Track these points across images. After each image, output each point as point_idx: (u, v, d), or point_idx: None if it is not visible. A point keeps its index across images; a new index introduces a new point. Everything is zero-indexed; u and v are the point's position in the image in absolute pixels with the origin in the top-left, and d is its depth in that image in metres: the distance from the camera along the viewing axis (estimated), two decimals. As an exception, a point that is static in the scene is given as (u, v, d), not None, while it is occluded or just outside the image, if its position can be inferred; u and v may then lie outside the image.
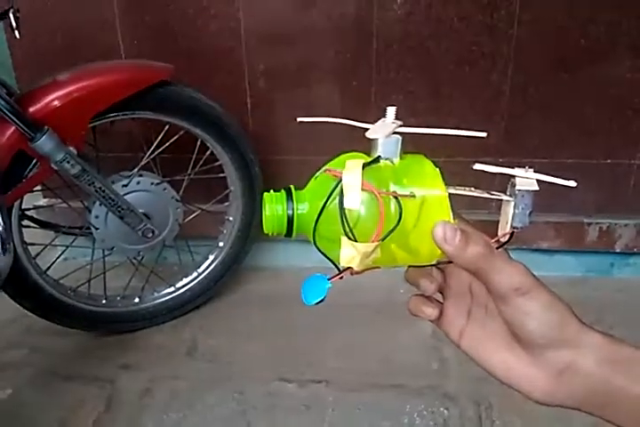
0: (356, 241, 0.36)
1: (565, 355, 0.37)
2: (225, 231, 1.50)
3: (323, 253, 0.39)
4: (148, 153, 1.36)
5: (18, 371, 1.31)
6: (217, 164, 1.42)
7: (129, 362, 1.34)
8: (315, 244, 0.39)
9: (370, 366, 1.29)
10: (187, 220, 1.44)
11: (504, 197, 0.40)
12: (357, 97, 1.55)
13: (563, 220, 1.59)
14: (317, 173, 0.41)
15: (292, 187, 0.40)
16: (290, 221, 0.39)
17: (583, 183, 1.70)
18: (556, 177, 0.40)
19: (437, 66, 1.49)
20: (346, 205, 0.36)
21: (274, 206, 0.39)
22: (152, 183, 1.31)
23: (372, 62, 1.51)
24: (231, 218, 1.48)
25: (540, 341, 0.37)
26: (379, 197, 0.36)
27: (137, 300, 1.45)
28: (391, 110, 0.43)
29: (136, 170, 1.30)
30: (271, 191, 0.40)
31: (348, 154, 0.41)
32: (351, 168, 0.37)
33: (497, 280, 0.37)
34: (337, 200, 0.37)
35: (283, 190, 0.40)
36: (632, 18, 1.40)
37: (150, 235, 1.31)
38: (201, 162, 1.43)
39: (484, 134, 0.41)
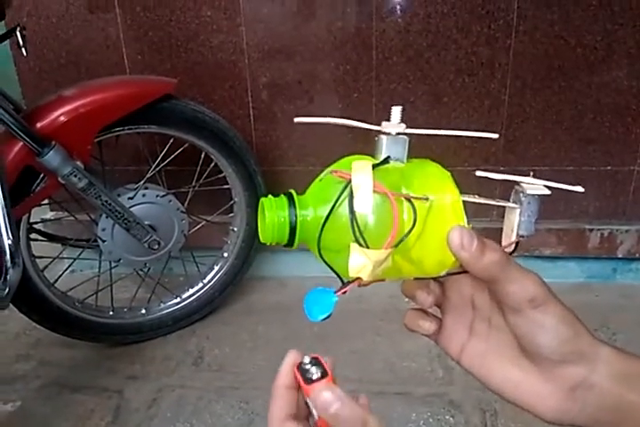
0: (367, 248, 0.33)
1: (578, 370, 0.35)
2: (229, 242, 1.52)
3: (328, 264, 0.36)
4: (154, 166, 1.38)
5: (27, 383, 1.32)
6: (221, 175, 1.44)
7: (136, 373, 1.35)
8: (319, 253, 0.35)
9: (375, 375, 1.29)
10: (192, 231, 1.46)
11: (510, 205, 0.38)
12: (358, 108, 1.57)
13: (564, 226, 1.60)
14: (321, 175, 0.38)
15: (292, 191, 0.37)
16: (292, 229, 0.35)
17: (584, 190, 1.71)
18: (561, 183, 0.38)
19: (437, 76, 1.52)
20: (356, 208, 0.33)
21: (274, 213, 0.35)
22: (157, 195, 1.33)
23: (372, 73, 1.53)
24: (235, 229, 1.50)
25: (553, 356, 0.35)
26: (392, 199, 0.34)
27: (143, 311, 1.47)
28: (396, 110, 0.39)
29: (142, 183, 1.32)
30: (269, 196, 0.37)
31: (351, 156, 0.38)
32: (360, 169, 0.34)
33: (512, 291, 0.35)
34: (346, 203, 0.34)
35: (283, 195, 0.37)
36: (627, 26, 1.43)
37: (156, 246, 1.33)
38: (205, 174, 1.45)
39: (495, 135, 0.39)
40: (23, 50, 1.17)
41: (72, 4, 1.52)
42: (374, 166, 0.35)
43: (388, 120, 0.40)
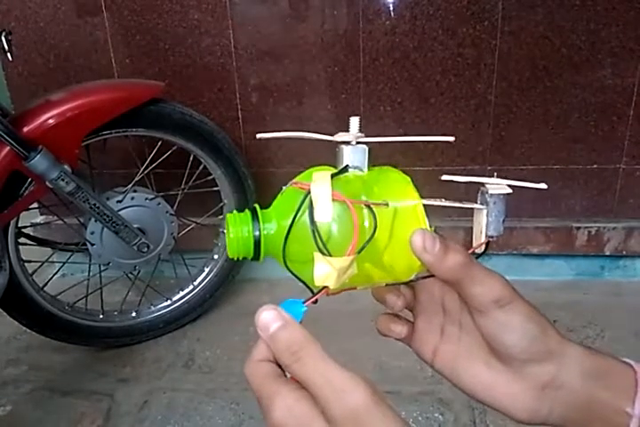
0: (330, 256, 0.33)
1: (548, 368, 0.35)
2: (220, 244, 1.52)
3: (295, 275, 0.36)
4: (142, 169, 1.38)
5: (17, 388, 1.32)
6: (210, 178, 1.44)
7: (127, 376, 1.35)
8: (285, 265, 0.36)
9: (365, 374, 1.28)
10: (181, 233, 1.46)
11: (476, 206, 0.39)
12: (346, 109, 1.58)
13: (552, 225, 1.61)
14: (283, 188, 0.38)
15: (256, 206, 0.38)
16: (257, 242, 0.36)
17: (570, 189, 1.72)
18: (525, 181, 0.39)
19: (423, 77, 1.53)
20: (317, 217, 0.34)
21: (238, 228, 0.36)
22: (146, 198, 1.33)
23: (359, 75, 1.54)
24: (225, 231, 1.50)
25: (521, 355, 0.35)
26: (351, 206, 0.34)
27: (134, 314, 1.47)
28: (354, 120, 0.40)
29: (130, 186, 1.33)
30: (234, 212, 0.38)
31: (315, 168, 0.39)
32: (319, 179, 0.35)
33: (477, 292, 0.35)
34: (307, 214, 0.34)
35: (247, 210, 0.37)
36: (611, 26, 1.44)
37: (146, 249, 1.33)
38: (194, 176, 1.46)
39: (451, 139, 0.39)
40: (9, 55, 1.17)
41: (60, 8, 1.52)
42: (333, 176, 0.36)
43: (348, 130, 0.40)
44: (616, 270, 1.69)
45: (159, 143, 1.38)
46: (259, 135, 0.41)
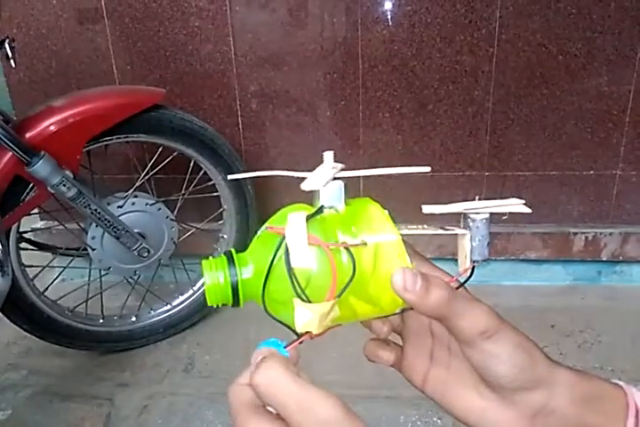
0: (309, 302, 0.33)
1: (538, 396, 0.35)
2: (219, 249, 1.53)
3: (277, 319, 0.35)
4: (143, 174, 1.39)
5: (17, 392, 1.32)
6: (210, 183, 1.45)
7: (126, 380, 1.36)
8: (266, 310, 0.35)
9: (365, 379, 1.30)
10: (181, 238, 1.47)
11: (459, 231, 0.38)
12: (345, 116, 1.59)
13: (549, 230, 1.63)
14: (259, 232, 0.37)
15: (232, 250, 0.36)
16: (235, 288, 0.35)
17: (567, 194, 1.74)
18: (509, 205, 0.38)
19: (422, 84, 1.54)
20: (293, 264, 0.33)
21: (214, 274, 0.35)
22: (147, 204, 1.34)
23: (358, 82, 1.55)
24: (225, 236, 1.51)
25: (511, 384, 0.35)
26: (327, 250, 0.33)
27: (134, 318, 1.48)
28: (328, 155, 0.39)
29: (131, 191, 1.33)
30: (210, 258, 0.36)
31: (289, 207, 0.38)
32: (293, 223, 0.34)
33: (461, 325, 0.34)
34: (283, 259, 0.33)
35: (223, 255, 0.36)
36: (607, 34, 1.46)
37: (146, 254, 1.34)
38: (194, 182, 1.47)
39: (427, 169, 0.39)
40: (12, 61, 1.18)
41: (61, 15, 1.54)
42: (308, 218, 0.34)
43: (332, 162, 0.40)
44: (613, 275, 1.70)
45: (160, 149, 1.39)
46: (229, 177, 0.41)
